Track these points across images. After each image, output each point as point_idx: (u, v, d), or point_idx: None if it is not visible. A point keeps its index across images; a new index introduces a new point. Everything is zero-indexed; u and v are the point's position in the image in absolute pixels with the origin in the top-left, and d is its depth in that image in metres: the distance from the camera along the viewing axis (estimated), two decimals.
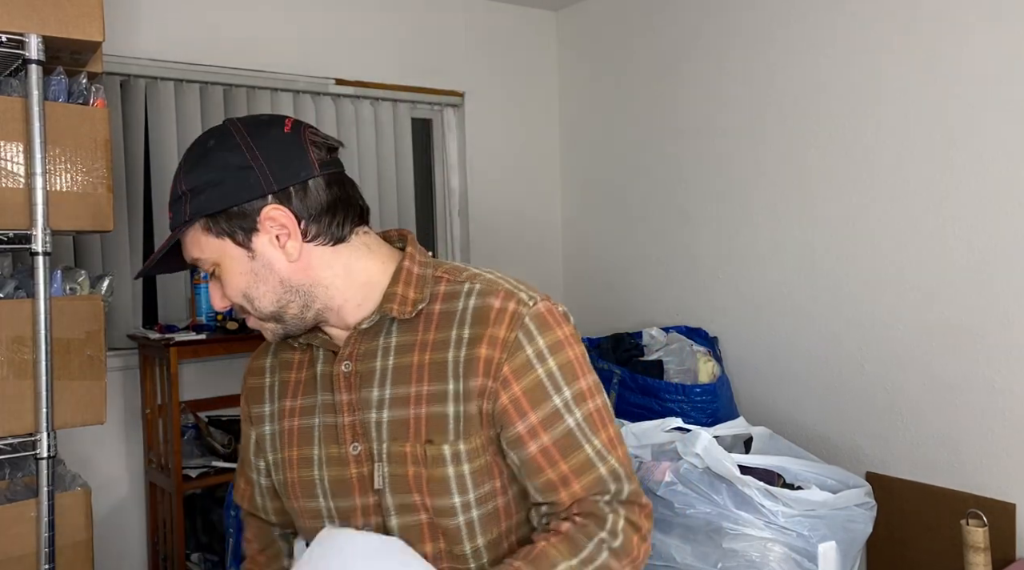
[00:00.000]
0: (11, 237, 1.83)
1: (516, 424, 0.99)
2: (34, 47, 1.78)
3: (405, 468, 0.99)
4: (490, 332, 0.98)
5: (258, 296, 1.00)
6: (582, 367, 1.03)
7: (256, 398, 1.13)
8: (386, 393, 1.01)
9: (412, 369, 1.00)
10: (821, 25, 2.72)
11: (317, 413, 1.06)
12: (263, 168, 0.96)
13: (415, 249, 1.07)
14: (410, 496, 0.99)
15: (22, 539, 1.83)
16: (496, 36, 3.66)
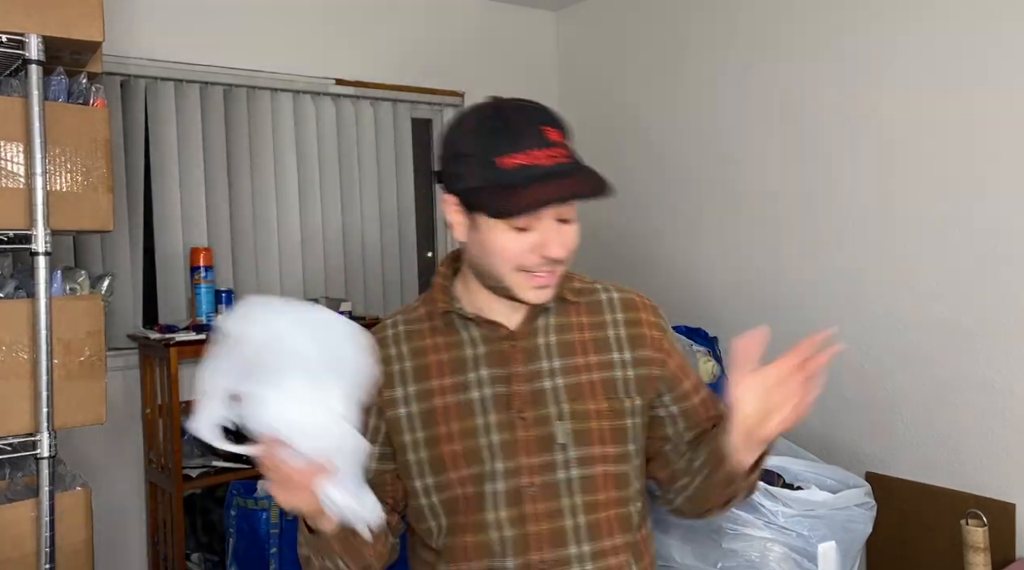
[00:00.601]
0: (11, 237, 1.83)
1: (683, 383, 1.27)
2: (34, 47, 1.78)
3: (589, 423, 1.17)
4: (643, 316, 1.26)
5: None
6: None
7: (387, 383, 1.19)
8: (555, 364, 1.19)
9: (577, 344, 1.21)
10: (821, 24, 2.72)
11: (477, 386, 1.17)
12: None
13: None
14: (591, 448, 1.16)
15: (22, 539, 1.83)
16: (496, 36, 3.66)
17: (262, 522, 2.23)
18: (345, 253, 3.27)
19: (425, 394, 1.18)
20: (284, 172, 3.11)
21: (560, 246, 1.11)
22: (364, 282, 3.32)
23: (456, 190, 1.12)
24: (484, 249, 1.12)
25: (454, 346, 1.20)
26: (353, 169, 3.28)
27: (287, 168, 3.12)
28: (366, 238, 3.32)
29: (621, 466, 1.19)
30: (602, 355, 1.22)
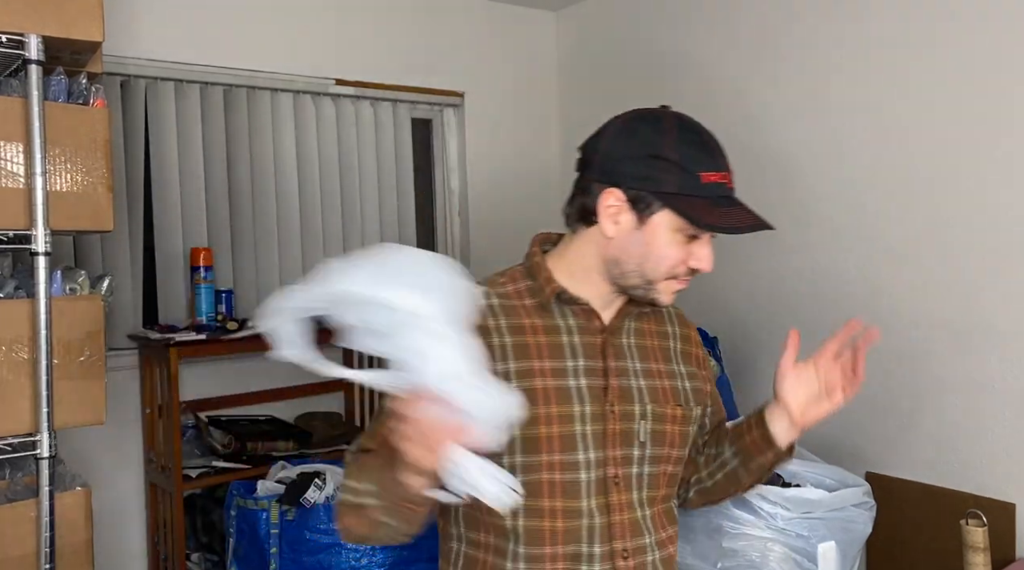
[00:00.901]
0: (11, 237, 1.83)
1: (718, 401, 1.42)
2: (34, 47, 1.78)
3: (665, 425, 1.23)
4: (692, 334, 1.39)
5: None
6: None
7: (498, 356, 1.19)
8: (637, 365, 1.25)
9: (650, 349, 1.28)
10: (822, 25, 2.72)
11: (574, 375, 1.20)
12: None
13: None
14: (663, 449, 1.23)
15: (22, 539, 1.84)
16: (496, 36, 3.66)
17: (262, 522, 2.23)
18: (345, 253, 3.26)
19: (526, 373, 1.18)
20: (284, 172, 3.11)
21: (712, 262, 1.18)
22: None
23: (633, 187, 1.14)
24: (646, 249, 1.15)
25: (551, 330, 1.22)
26: (353, 169, 3.28)
27: (287, 168, 3.12)
28: (366, 238, 3.32)
29: (677, 467, 1.28)
30: (667, 364, 1.30)
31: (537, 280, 1.25)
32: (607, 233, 1.17)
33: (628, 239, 1.16)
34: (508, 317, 1.22)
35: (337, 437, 2.97)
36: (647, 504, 1.23)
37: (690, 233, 1.14)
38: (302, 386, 3.14)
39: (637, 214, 1.15)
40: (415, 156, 3.50)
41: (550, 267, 1.25)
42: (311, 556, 2.12)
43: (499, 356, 1.18)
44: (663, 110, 1.22)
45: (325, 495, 2.18)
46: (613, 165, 1.16)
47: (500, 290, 1.26)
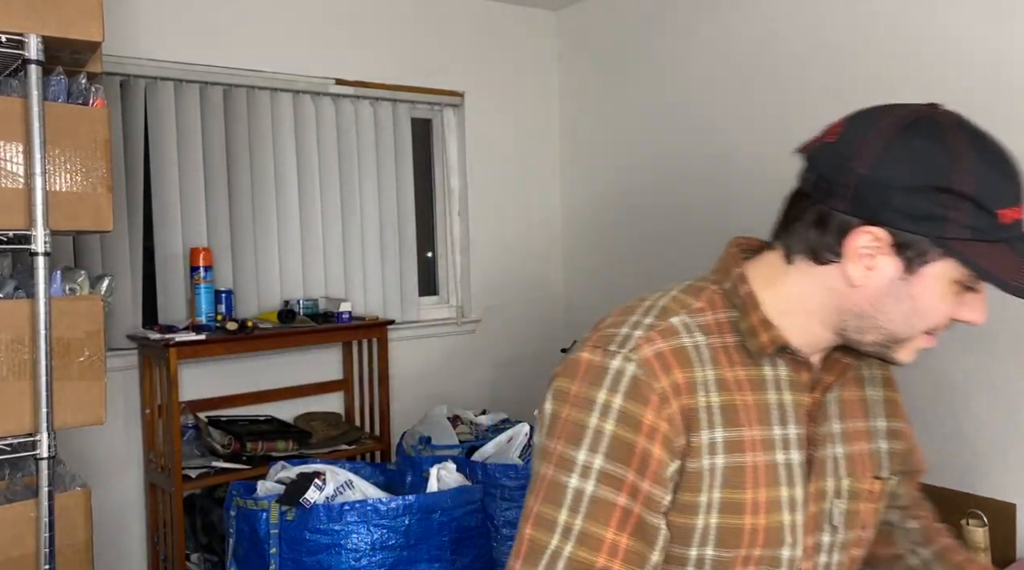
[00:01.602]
0: (11, 237, 1.83)
1: (917, 452, 1.10)
2: (34, 47, 1.78)
3: (859, 504, 0.97)
4: (890, 375, 1.06)
5: None
6: None
7: (694, 423, 0.88)
8: (836, 426, 0.97)
9: (848, 403, 0.99)
10: (821, 25, 2.72)
11: (783, 447, 0.92)
12: None
13: None
14: (855, 532, 0.98)
15: (22, 539, 1.84)
16: (496, 36, 3.66)
17: (262, 522, 2.23)
18: (345, 253, 3.27)
19: (735, 444, 0.89)
20: (284, 172, 3.11)
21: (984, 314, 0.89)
22: (363, 282, 3.32)
23: (905, 229, 0.82)
24: (909, 304, 0.86)
25: (757, 384, 0.92)
26: (353, 169, 3.28)
27: (287, 168, 3.12)
28: (366, 238, 3.32)
29: (864, 550, 1.03)
30: (866, 420, 1.00)
31: (747, 317, 0.93)
32: (853, 280, 0.86)
33: (884, 290, 0.86)
34: (716, 366, 0.91)
35: (337, 437, 2.97)
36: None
37: (969, 284, 0.85)
38: (302, 386, 3.14)
39: (904, 261, 0.84)
40: (415, 156, 3.50)
41: (764, 302, 0.93)
42: (311, 556, 2.12)
43: (707, 422, 0.88)
44: (945, 115, 0.85)
45: (325, 495, 2.17)
46: (879, 196, 0.82)
47: (699, 320, 0.94)
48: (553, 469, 0.86)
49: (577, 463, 0.85)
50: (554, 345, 3.77)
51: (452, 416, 2.82)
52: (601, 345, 0.91)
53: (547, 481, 0.86)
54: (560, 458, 0.86)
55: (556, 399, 0.89)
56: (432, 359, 3.51)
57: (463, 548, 2.18)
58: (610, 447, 0.84)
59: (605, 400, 0.85)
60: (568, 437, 0.86)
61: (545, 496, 0.86)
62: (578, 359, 0.90)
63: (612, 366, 0.87)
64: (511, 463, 2.38)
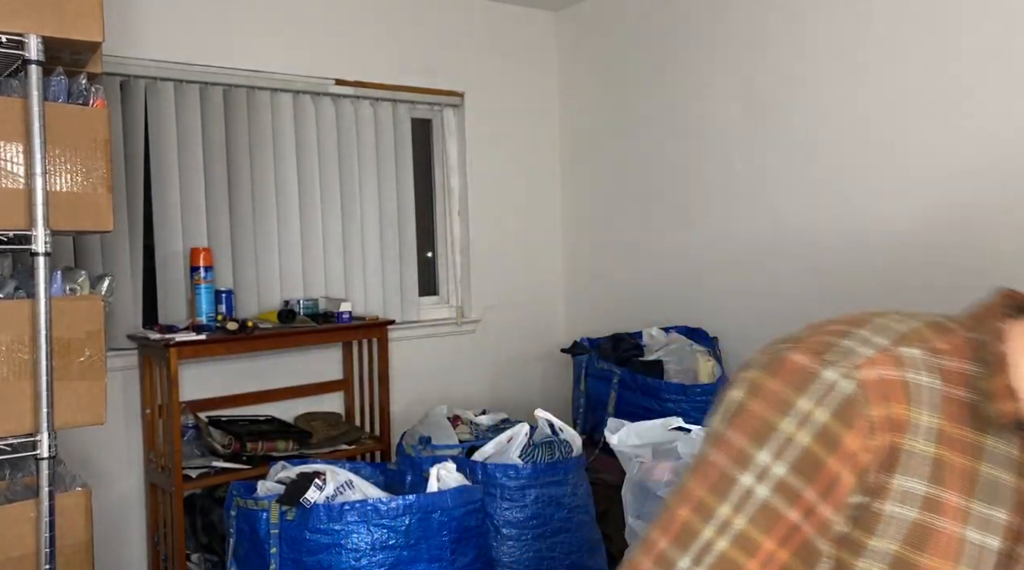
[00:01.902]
0: (11, 237, 1.83)
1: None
2: (34, 48, 1.78)
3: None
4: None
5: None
6: None
7: (899, 465, 0.79)
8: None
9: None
10: (820, 25, 2.72)
11: (980, 526, 0.80)
12: None
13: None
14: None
15: (22, 539, 1.84)
16: (496, 36, 3.66)
17: (262, 522, 2.23)
18: (345, 253, 3.27)
19: (933, 504, 0.79)
20: (284, 172, 3.11)
21: None
22: (364, 282, 3.32)
23: None
24: None
25: (975, 451, 0.80)
26: (353, 169, 3.28)
27: (287, 168, 3.12)
28: (366, 238, 3.32)
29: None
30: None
31: (992, 379, 0.81)
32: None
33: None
34: (942, 417, 0.80)
35: (337, 437, 2.97)
36: None
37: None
38: (302, 386, 3.14)
39: None
40: (415, 156, 3.50)
41: (1012, 364, 0.80)
42: (311, 556, 2.12)
43: (909, 468, 0.78)
44: None
45: (325, 495, 2.18)
46: None
47: (939, 362, 0.82)
48: (726, 460, 0.81)
49: (755, 463, 0.79)
50: (554, 345, 3.77)
51: (452, 416, 2.82)
52: (817, 351, 0.81)
53: (717, 471, 0.81)
54: (738, 452, 0.80)
55: (747, 391, 0.82)
56: (432, 359, 3.51)
57: (463, 548, 2.18)
58: (798, 459, 0.78)
59: (807, 409, 0.78)
60: (752, 433, 0.80)
61: (711, 485, 0.80)
62: (784, 357, 0.81)
63: (826, 376, 0.79)
64: (511, 463, 2.38)
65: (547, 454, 2.43)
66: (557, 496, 2.40)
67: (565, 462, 2.42)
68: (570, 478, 2.43)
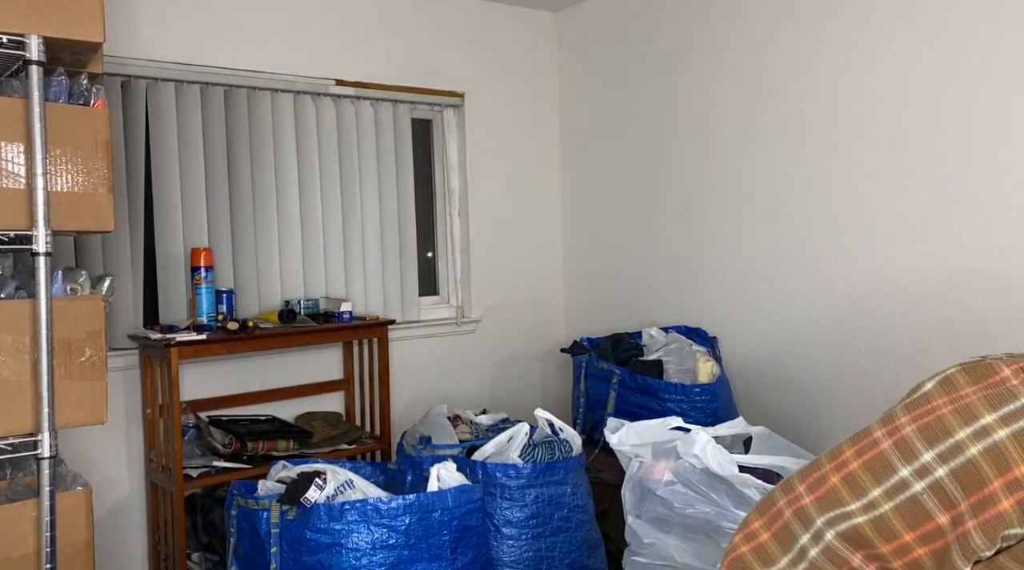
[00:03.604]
0: (12, 237, 1.83)
1: None
2: (35, 48, 1.79)
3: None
4: None
5: None
6: None
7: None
8: None
9: None
10: (820, 25, 2.73)
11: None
12: None
13: None
14: None
15: (23, 539, 1.84)
16: (496, 36, 3.66)
17: (263, 522, 2.23)
18: (345, 253, 3.27)
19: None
20: (284, 172, 3.12)
21: None
22: (364, 282, 3.32)
23: None
24: None
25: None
26: (353, 169, 3.29)
27: (287, 168, 3.12)
28: (366, 238, 3.32)
29: None
30: None
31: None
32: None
33: None
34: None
35: (337, 437, 2.97)
36: None
37: None
38: (302, 386, 3.15)
39: None
40: (415, 156, 3.50)
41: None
42: (311, 556, 2.13)
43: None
44: None
45: (325, 495, 2.18)
46: None
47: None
48: (892, 447, 0.80)
49: (919, 458, 0.78)
50: (554, 345, 3.77)
51: (452, 416, 2.83)
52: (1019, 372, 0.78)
53: (879, 452, 0.81)
54: (905, 442, 0.80)
55: (942, 386, 0.80)
56: (432, 359, 3.52)
57: (463, 547, 2.19)
58: (962, 468, 0.76)
59: (989, 423, 0.76)
60: (925, 429, 0.79)
61: (868, 464, 0.81)
62: (994, 368, 0.78)
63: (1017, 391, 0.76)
64: (511, 463, 2.39)
65: (547, 454, 2.43)
66: (557, 496, 2.40)
67: (565, 462, 2.42)
68: (570, 478, 2.43)
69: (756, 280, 2.98)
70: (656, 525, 2.03)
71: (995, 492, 0.74)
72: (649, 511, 2.07)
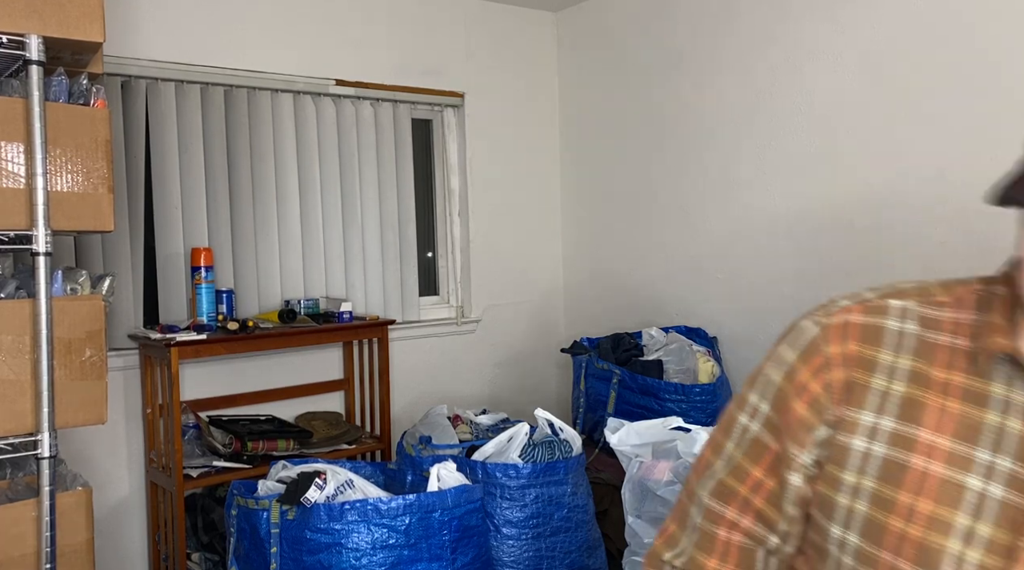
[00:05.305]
0: (12, 237, 1.83)
1: None
2: (35, 48, 1.79)
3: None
4: None
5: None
6: None
7: (858, 398, 0.84)
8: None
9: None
10: (819, 26, 2.73)
11: (983, 475, 0.79)
12: None
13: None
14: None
15: (23, 539, 1.84)
16: (496, 37, 3.66)
17: (263, 522, 2.24)
18: (345, 253, 3.27)
19: (904, 441, 0.82)
20: (285, 172, 3.12)
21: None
22: (364, 282, 3.32)
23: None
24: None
25: (976, 397, 0.80)
26: (353, 169, 3.29)
27: (288, 168, 3.12)
28: (366, 238, 3.32)
29: None
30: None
31: (988, 315, 0.82)
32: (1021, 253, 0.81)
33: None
34: (918, 358, 0.83)
35: (337, 437, 2.97)
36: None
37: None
38: (303, 386, 3.15)
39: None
40: (415, 156, 3.50)
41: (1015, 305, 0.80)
42: (311, 556, 2.13)
43: (877, 404, 0.83)
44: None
45: (325, 495, 2.18)
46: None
47: (930, 313, 0.85)
48: (735, 406, 0.95)
49: (749, 404, 0.92)
50: (554, 345, 3.77)
51: (452, 416, 2.83)
52: (815, 310, 0.94)
53: (728, 414, 0.96)
54: (741, 398, 0.95)
55: (766, 356, 0.96)
56: (432, 359, 3.52)
57: (463, 547, 2.19)
58: (774, 397, 0.90)
59: (784, 355, 0.91)
60: (752, 382, 0.95)
61: (722, 426, 0.95)
62: (794, 322, 0.95)
63: (803, 326, 0.92)
64: (511, 463, 2.39)
65: (547, 454, 2.43)
66: (557, 496, 2.40)
67: (565, 462, 2.43)
68: (570, 478, 2.43)
69: (756, 280, 2.97)
70: (656, 525, 2.03)
71: (792, 404, 0.88)
72: (649, 511, 2.07)
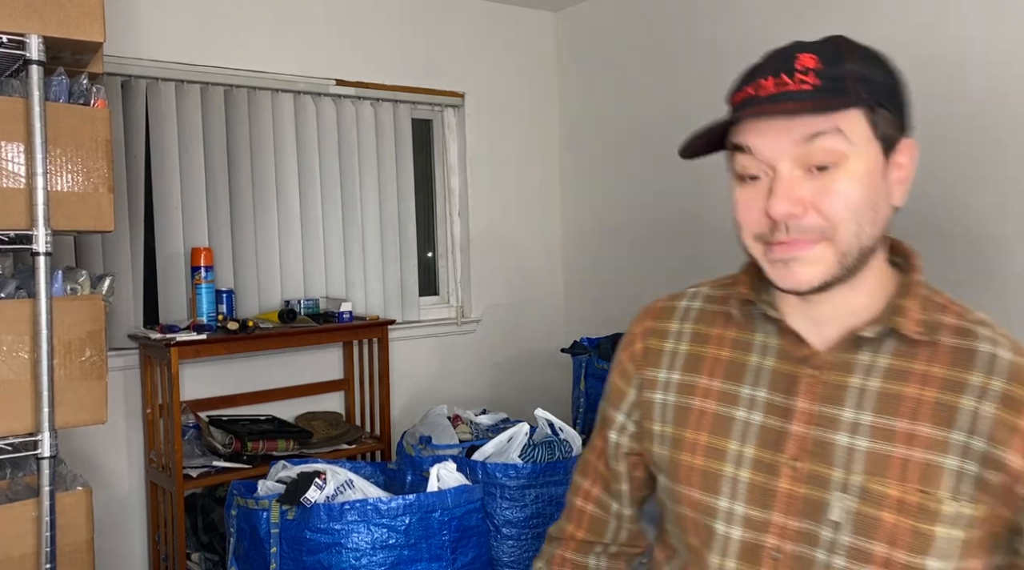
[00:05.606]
0: (12, 237, 1.83)
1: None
2: (35, 48, 1.79)
3: (880, 512, 0.85)
4: (1019, 394, 0.85)
5: (857, 218, 0.86)
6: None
7: (653, 360, 1.04)
8: (864, 418, 0.88)
9: (906, 401, 0.87)
10: (819, 26, 2.73)
11: (746, 406, 0.94)
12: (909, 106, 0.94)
13: (921, 264, 0.99)
14: (871, 544, 0.85)
15: (23, 539, 1.84)
16: (496, 37, 3.66)
17: (263, 522, 2.23)
18: (345, 253, 3.27)
19: (687, 388, 1.00)
20: (285, 172, 3.12)
21: (784, 198, 0.84)
22: (364, 282, 3.32)
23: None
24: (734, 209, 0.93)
25: (741, 346, 0.98)
26: (353, 169, 3.29)
27: (288, 168, 3.12)
28: (366, 238, 3.32)
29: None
30: (939, 428, 0.85)
31: (740, 280, 1.00)
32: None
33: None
34: (699, 323, 1.02)
35: (337, 437, 2.97)
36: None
37: (737, 169, 0.95)
38: (302, 386, 3.15)
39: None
40: (415, 156, 3.50)
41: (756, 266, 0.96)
42: (311, 556, 2.13)
43: (668, 363, 1.02)
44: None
45: (325, 495, 2.18)
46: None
47: (716, 292, 1.05)
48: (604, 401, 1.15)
49: (603, 416, 1.13)
50: (554, 345, 3.77)
51: (452, 416, 2.83)
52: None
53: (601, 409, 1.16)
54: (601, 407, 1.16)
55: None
56: (432, 359, 3.52)
57: (463, 547, 2.19)
58: (607, 380, 1.12)
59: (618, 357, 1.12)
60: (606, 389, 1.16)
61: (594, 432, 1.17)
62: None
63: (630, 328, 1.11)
64: (511, 463, 2.39)
65: (547, 454, 2.44)
66: (557, 496, 2.40)
67: (565, 462, 2.43)
68: (570, 478, 2.43)
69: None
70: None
71: (612, 377, 1.10)
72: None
